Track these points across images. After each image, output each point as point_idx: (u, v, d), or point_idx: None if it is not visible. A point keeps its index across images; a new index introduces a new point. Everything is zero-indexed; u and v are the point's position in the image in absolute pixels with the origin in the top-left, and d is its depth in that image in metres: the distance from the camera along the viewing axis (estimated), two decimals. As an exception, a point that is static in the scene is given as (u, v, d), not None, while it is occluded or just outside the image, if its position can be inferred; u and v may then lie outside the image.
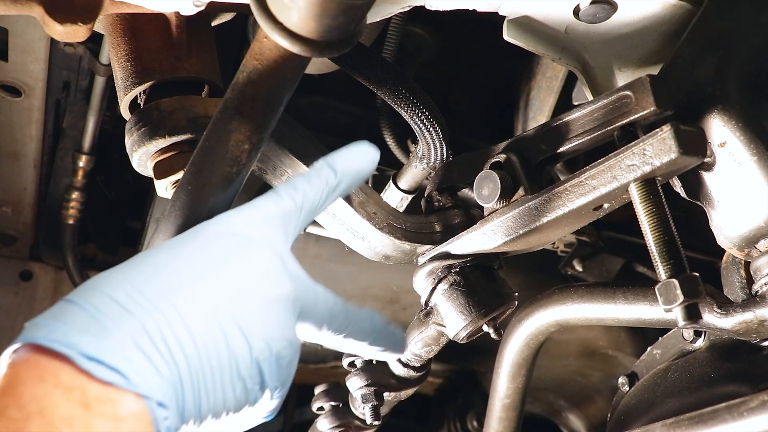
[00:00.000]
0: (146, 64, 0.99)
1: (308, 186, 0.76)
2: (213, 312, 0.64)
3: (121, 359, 0.58)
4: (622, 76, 1.07)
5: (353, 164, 0.80)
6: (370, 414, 1.16)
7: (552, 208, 0.86)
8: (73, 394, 0.55)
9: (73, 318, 0.59)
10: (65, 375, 0.56)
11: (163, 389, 0.59)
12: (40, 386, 0.55)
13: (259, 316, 0.67)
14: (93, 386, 0.56)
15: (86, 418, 0.55)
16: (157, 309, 0.62)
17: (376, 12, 0.93)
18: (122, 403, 0.57)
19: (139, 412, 0.58)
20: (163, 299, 0.62)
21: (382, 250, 1.02)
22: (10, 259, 2.09)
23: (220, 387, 0.64)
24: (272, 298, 0.69)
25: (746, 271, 0.95)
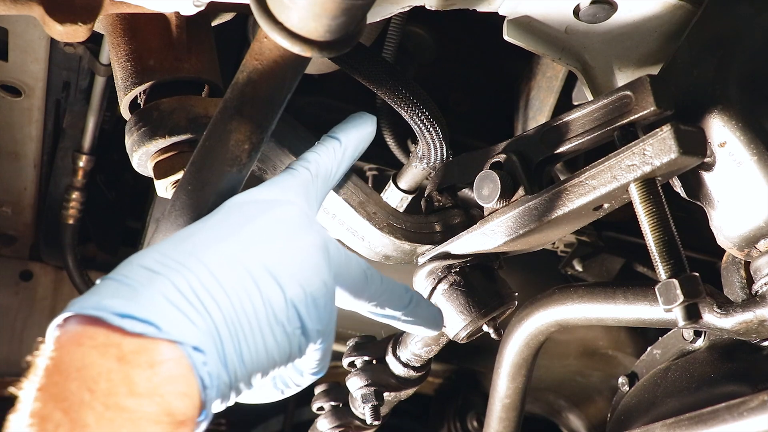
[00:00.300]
0: (146, 64, 0.99)
1: (318, 156, 0.81)
2: (242, 262, 0.66)
3: (151, 312, 0.60)
4: (622, 76, 1.07)
5: (354, 132, 0.85)
6: (370, 414, 1.16)
7: (552, 208, 0.86)
8: (108, 351, 0.58)
9: (105, 288, 0.62)
10: (100, 335, 0.58)
11: (198, 336, 0.61)
12: (78, 350, 0.58)
13: (290, 260, 0.69)
14: (127, 341, 0.58)
15: (123, 369, 0.57)
16: (185, 266, 0.64)
17: (376, 12, 0.93)
18: (157, 351, 0.59)
19: (175, 357, 0.59)
20: (191, 258, 0.64)
21: (382, 250, 1.02)
22: (10, 259, 2.09)
23: (259, 333, 0.65)
24: (300, 243, 0.71)
25: (746, 271, 0.95)
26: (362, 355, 1.18)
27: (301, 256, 0.70)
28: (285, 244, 0.70)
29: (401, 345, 1.14)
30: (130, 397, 0.56)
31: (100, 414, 0.55)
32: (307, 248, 0.71)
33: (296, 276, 0.69)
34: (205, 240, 0.67)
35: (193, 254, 0.65)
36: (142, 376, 0.57)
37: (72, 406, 0.55)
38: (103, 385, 0.56)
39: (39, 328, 2.08)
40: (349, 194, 0.98)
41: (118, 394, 0.56)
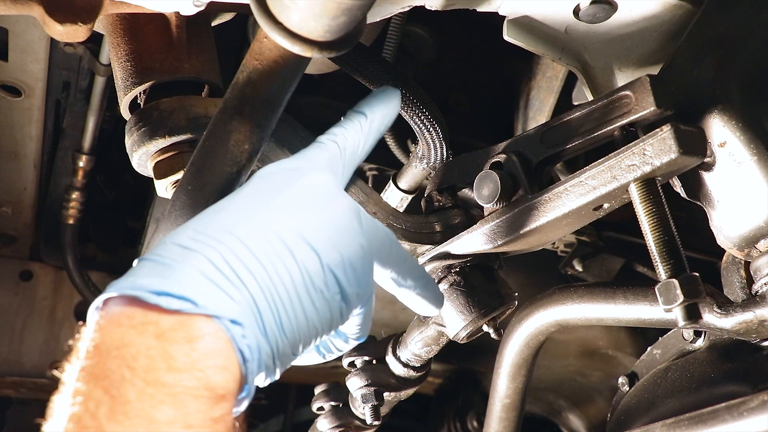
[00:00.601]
0: (146, 64, 0.99)
1: (345, 131, 0.80)
2: (275, 231, 0.66)
3: (187, 288, 0.60)
4: (622, 76, 1.07)
5: (380, 106, 0.83)
6: (370, 414, 1.16)
7: (552, 208, 0.86)
8: (146, 329, 0.58)
9: (140, 269, 0.63)
10: (137, 314, 0.59)
11: (235, 309, 0.61)
12: (117, 330, 0.59)
13: (324, 226, 0.69)
14: (165, 318, 0.59)
15: (161, 346, 0.58)
16: (218, 241, 0.64)
17: (376, 12, 0.93)
18: (195, 326, 0.59)
19: (213, 331, 0.60)
20: (224, 232, 0.64)
21: (382, 250, 1.02)
22: (10, 259, 2.09)
23: (298, 301, 0.65)
24: (333, 209, 0.71)
25: (746, 271, 0.95)
26: (362, 355, 1.18)
27: (335, 220, 0.70)
28: (317, 210, 0.70)
29: (401, 345, 1.14)
30: (169, 372, 0.57)
31: (140, 390, 0.55)
32: (340, 213, 0.71)
33: (332, 241, 0.68)
34: (236, 213, 0.67)
35: (226, 228, 0.65)
36: (181, 352, 0.58)
37: (112, 383, 0.56)
38: (142, 362, 0.57)
39: (39, 328, 2.08)
40: (350, 194, 0.98)
41: (157, 370, 0.56)
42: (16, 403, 2.14)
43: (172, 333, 0.58)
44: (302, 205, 0.69)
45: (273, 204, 0.68)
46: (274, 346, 0.64)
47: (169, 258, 0.63)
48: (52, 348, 2.07)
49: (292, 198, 0.70)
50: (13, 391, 2.07)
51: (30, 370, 2.03)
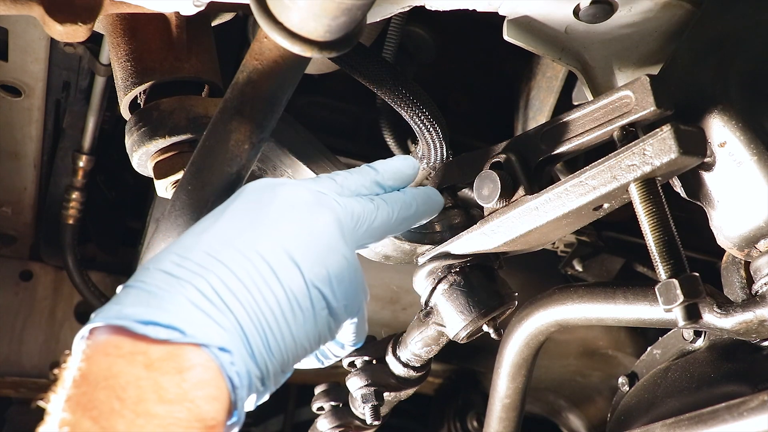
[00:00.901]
0: (146, 64, 0.99)
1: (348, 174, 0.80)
2: (257, 254, 0.66)
3: (175, 317, 0.60)
4: (622, 76, 1.07)
5: (393, 164, 0.83)
6: (370, 414, 1.16)
7: (552, 208, 0.86)
8: (135, 359, 0.58)
9: (126, 297, 0.62)
10: (126, 344, 0.59)
11: (223, 336, 0.61)
12: (105, 360, 0.58)
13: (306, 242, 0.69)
14: (153, 348, 0.59)
15: (152, 377, 0.57)
16: (203, 267, 0.64)
17: (376, 12, 0.93)
18: (184, 356, 0.59)
19: (202, 361, 0.60)
20: (207, 257, 0.64)
21: (382, 250, 1.02)
22: (10, 259, 2.09)
23: (284, 321, 0.65)
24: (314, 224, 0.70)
25: (746, 271, 0.95)
26: (362, 355, 1.18)
27: (317, 236, 0.70)
28: (299, 227, 0.69)
29: (401, 345, 1.14)
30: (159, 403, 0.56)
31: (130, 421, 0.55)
32: (321, 227, 0.71)
33: (315, 256, 0.69)
34: (219, 235, 0.67)
35: (209, 252, 0.65)
36: (171, 382, 0.58)
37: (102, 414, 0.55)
38: (132, 393, 0.56)
39: (39, 328, 2.08)
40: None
41: (147, 401, 0.56)
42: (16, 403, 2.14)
43: (161, 363, 0.58)
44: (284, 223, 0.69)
45: (255, 223, 0.68)
46: (264, 369, 0.64)
47: (154, 285, 0.62)
48: (52, 348, 2.07)
49: (274, 216, 0.69)
50: (13, 391, 2.07)
51: (30, 370, 2.03)
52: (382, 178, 0.82)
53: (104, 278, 2.15)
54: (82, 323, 2.10)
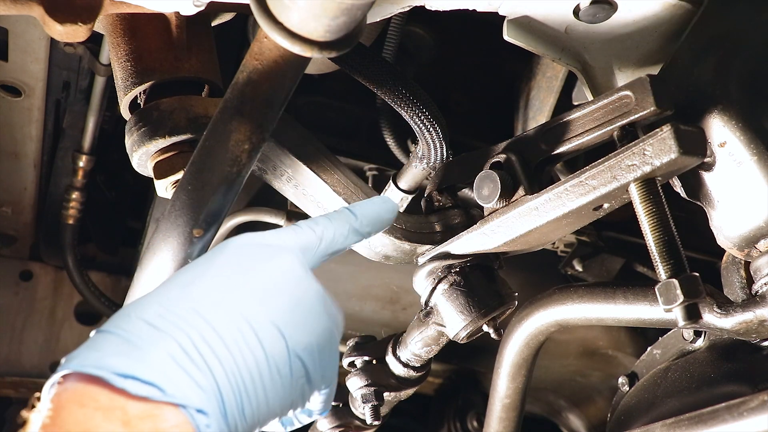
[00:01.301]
0: (146, 64, 0.99)
1: (328, 222, 0.79)
2: (242, 317, 0.65)
3: (155, 373, 0.59)
4: (622, 76, 1.07)
5: (372, 209, 0.83)
6: (370, 414, 1.16)
7: (552, 208, 0.86)
8: (113, 414, 0.56)
9: (105, 344, 0.61)
10: (103, 397, 0.57)
11: (201, 397, 0.60)
12: (80, 411, 0.56)
13: (291, 310, 0.69)
14: (132, 404, 0.57)
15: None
16: (186, 323, 0.62)
17: (376, 12, 0.93)
18: (162, 416, 0.58)
19: (179, 423, 0.58)
20: (192, 313, 0.63)
21: (382, 250, 1.02)
22: (10, 259, 2.09)
23: (261, 386, 0.65)
24: (302, 294, 0.70)
25: (746, 271, 0.95)
26: (362, 355, 1.18)
27: (303, 305, 0.70)
28: (287, 295, 0.69)
29: (401, 345, 1.14)
30: None
31: None
32: (308, 297, 0.71)
33: (299, 325, 0.69)
34: (206, 291, 0.66)
35: (194, 308, 0.64)
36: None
37: None
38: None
39: (39, 328, 2.08)
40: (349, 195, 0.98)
41: None
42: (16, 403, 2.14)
43: (139, 421, 0.57)
44: (271, 289, 0.69)
45: (242, 286, 0.68)
46: (233, 429, 0.63)
47: (136, 336, 0.61)
48: (52, 348, 2.07)
49: (262, 280, 0.69)
50: (13, 391, 2.07)
51: (30, 370, 2.03)
52: (360, 225, 0.82)
53: (104, 278, 2.15)
54: (82, 323, 2.12)
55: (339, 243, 0.80)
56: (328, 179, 0.98)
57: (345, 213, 0.82)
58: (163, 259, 0.81)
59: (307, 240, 0.77)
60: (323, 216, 0.81)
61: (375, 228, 0.84)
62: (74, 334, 2.10)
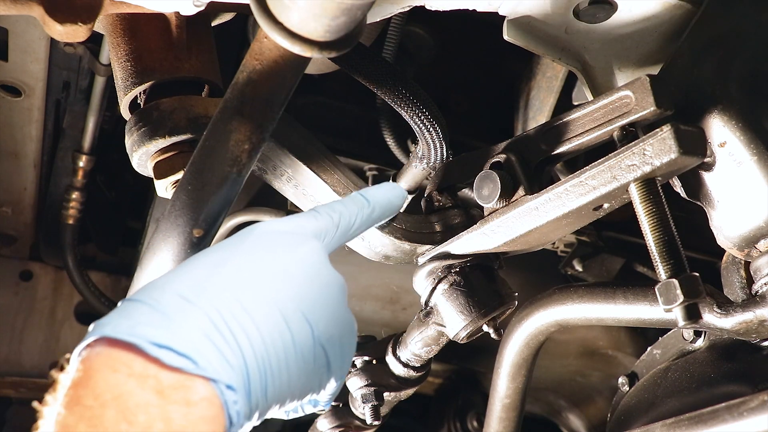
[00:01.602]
0: (146, 64, 0.99)
1: (344, 208, 0.82)
2: (272, 301, 0.66)
3: (189, 346, 0.59)
4: (622, 76, 1.07)
5: (384, 195, 0.87)
6: (370, 414, 1.16)
7: (552, 208, 0.86)
8: (147, 382, 0.57)
9: (138, 313, 0.61)
10: (137, 364, 0.58)
11: (230, 373, 0.61)
12: (113, 376, 0.57)
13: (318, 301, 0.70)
14: (165, 374, 0.58)
15: (161, 404, 0.57)
16: (219, 300, 0.63)
17: (376, 12, 0.93)
18: (193, 389, 0.58)
19: (209, 396, 0.59)
20: (224, 291, 0.64)
21: (382, 250, 1.02)
22: (10, 259, 2.09)
23: (286, 370, 0.66)
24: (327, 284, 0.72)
25: (746, 271, 0.95)
26: (362, 355, 1.18)
27: (328, 297, 0.72)
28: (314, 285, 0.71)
29: (401, 345, 1.14)
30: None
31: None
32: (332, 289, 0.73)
33: (324, 316, 0.70)
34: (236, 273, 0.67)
35: (227, 288, 0.65)
36: (178, 413, 0.57)
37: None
38: (141, 418, 0.55)
39: (39, 328, 2.08)
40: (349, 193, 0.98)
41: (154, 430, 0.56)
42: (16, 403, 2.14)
43: (172, 392, 0.57)
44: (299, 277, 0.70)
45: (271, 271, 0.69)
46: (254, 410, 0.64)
47: (169, 308, 0.62)
48: (52, 348, 2.07)
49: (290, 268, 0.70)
50: (13, 391, 2.07)
51: (30, 370, 2.03)
52: (372, 210, 0.85)
53: (104, 278, 2.15)
54: (82, 323, 2.12)
55: (353, 229, 0.83)
56: (328, 179, 0.98)
57: (359, 199, 0.84)
58: (163, 259, 0.81)
59: (326, 226, 0.79)
60: (338, 202, 0.83)
61: (386, 214, 0.87)
62: (74, 334, 2.10)
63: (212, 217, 0.79)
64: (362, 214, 0.83)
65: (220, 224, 0.83)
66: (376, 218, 0.86)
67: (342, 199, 0.84)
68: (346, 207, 0.82)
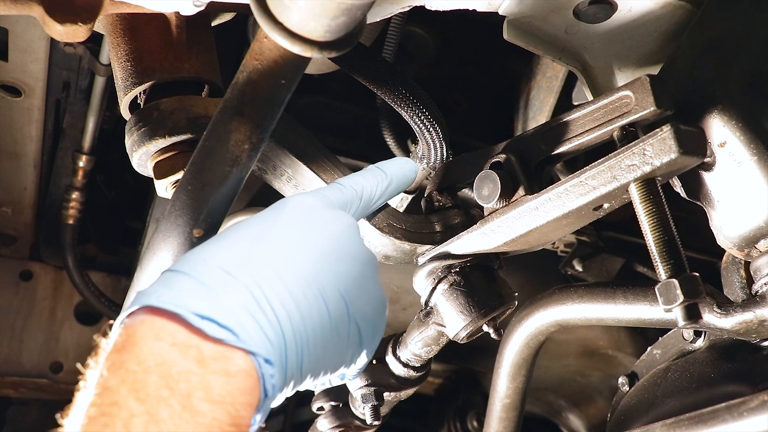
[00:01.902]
0: (146, 64, 0.99)
1: (365, 181, 0.85)
2: (314, 277, 0.68)
3: (231, 319, 0.61)
4: (622, 76, 1.07)
5: (399, 168, 0.90)
6: (370, 414, 1.16)
7: (552, 208, 0.86)
8: (189, 351, 0.59)
9: (181, 284, 0.63)
10: (180, 333, 0.59)
11: (269, 348, 0.62)
12: (157, 344, 0.58)
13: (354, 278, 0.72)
14: (207, 344, 0.59)
15: (202, 374, 0.58)
16: (260, 274, 0.65)
17: (376, 12, 0.93)
18: (233, 360, 0.60)
19: (247, 368, 0.61)
20: (267, 266, 0.66)
21: (382, 250, 1.02)
22: (10, 259, 2.09)
23: (322, 346, 0.68)
24: (362, 261, 0.74)
25: (746, 271, 0.95)
26: (362, 355, 1.18)
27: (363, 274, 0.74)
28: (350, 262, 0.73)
29: (401, 345, 1.14)
30: (205, 402, 0.57)
31: (176, 413, 0.56)
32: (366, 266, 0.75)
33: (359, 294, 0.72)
34: (276, 247, 0.68)
35: (268, 262, 0.66)
36: (219, 383, 0.58)
37: (149, 397, 0.56)
38: (182, 385, 0.57)
39: (39, 328, 2.08)
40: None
41: (194, 397, 0.57)
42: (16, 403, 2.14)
43: (212, 362, 0.59)
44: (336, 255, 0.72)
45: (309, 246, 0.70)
46: (290, 383, 0.66)
47: (212, 280, 0.63)
48: (52, 348, 2.07)
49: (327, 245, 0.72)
50: (13, 391, 2.08)
51: (30, 370, 2.03)
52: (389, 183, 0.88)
53: (104, 278, 2.15)
54: (82, 323, 2.12)
55: (374, 201, 0.87)
56: (328, 179, 0.98)
57: (377, 172, 0.87)
58: (163, 259, 0.81)
59: (351, 199, 0.82)
60: (358, 174, 0.86)
61: (401, 187, 0.90)
62: (74, 334, 2.10)
63: (212, 217, 0.79)
64: (381, 186, 0.86)
65: (220, 224, 0.83)
66: (393, 191, 0.89)
67: (361, 172, 0.86)
68: (367, 180, 0.85)
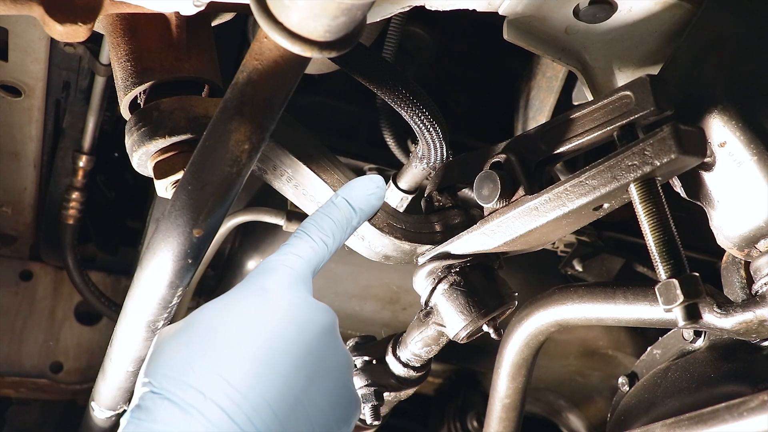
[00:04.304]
0: (146, 64, 0.99)
1: (336, 229, 0.84)
2: (295, 399, 0.71)
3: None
4: (622, 76, 1.07)
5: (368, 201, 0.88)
6: (370, 414, 1.16)
7: (552, 208, 0.86)
8: None
9: (158, 410, 0.67)
10: None
11: None
12: None
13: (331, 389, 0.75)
14: None
15: None
16: (242, 397, 0.68)
17: (376, 12, 0.93)
18: None
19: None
20: (250, 389, 0.69)
21: (382, 250, 1.02)
22: (10, 259, 2.09)
23: None
24: (340, 364, 0.77)
25: (746, 271, 0.95)
26: (362, 355, 1.18)
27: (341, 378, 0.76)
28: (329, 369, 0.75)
29: (401, 345, 1.14)
30: None
31: None
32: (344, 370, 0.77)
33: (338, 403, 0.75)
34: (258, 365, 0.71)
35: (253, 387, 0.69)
36: None
37: None
38: None
39: (39, 328, 2.08)
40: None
41: None
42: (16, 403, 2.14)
43: None
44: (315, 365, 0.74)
45: (293, 361, 0.72)
46: None
47: (192, 408, 0.66)
48: (52, 348, 2.07)
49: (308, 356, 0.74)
50: (13, 391, 2.07)
51: (30, 370, 2.03)
52: (358, 221, 0.87)
53: (104, 278, 2.15)
54: (82, 323, 2.12)
55: (342, 243, 0.86)
56: (328, 179, 0.98)
57: (348, 211, 0.85)
58: (163, 259, 0.81)
59: (323, 256, 0.83)
60: (330, 219, 0.84)
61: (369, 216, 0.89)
62: (74, 334, 2.10)
63: (212, 217, 0.79)
64: (350, 227, 0.86)
65: (221, 224, 0.83)
66: (357, 226, 0.88)
67: (333, 213, 0.84)
68: (338, 225, 0.84)
